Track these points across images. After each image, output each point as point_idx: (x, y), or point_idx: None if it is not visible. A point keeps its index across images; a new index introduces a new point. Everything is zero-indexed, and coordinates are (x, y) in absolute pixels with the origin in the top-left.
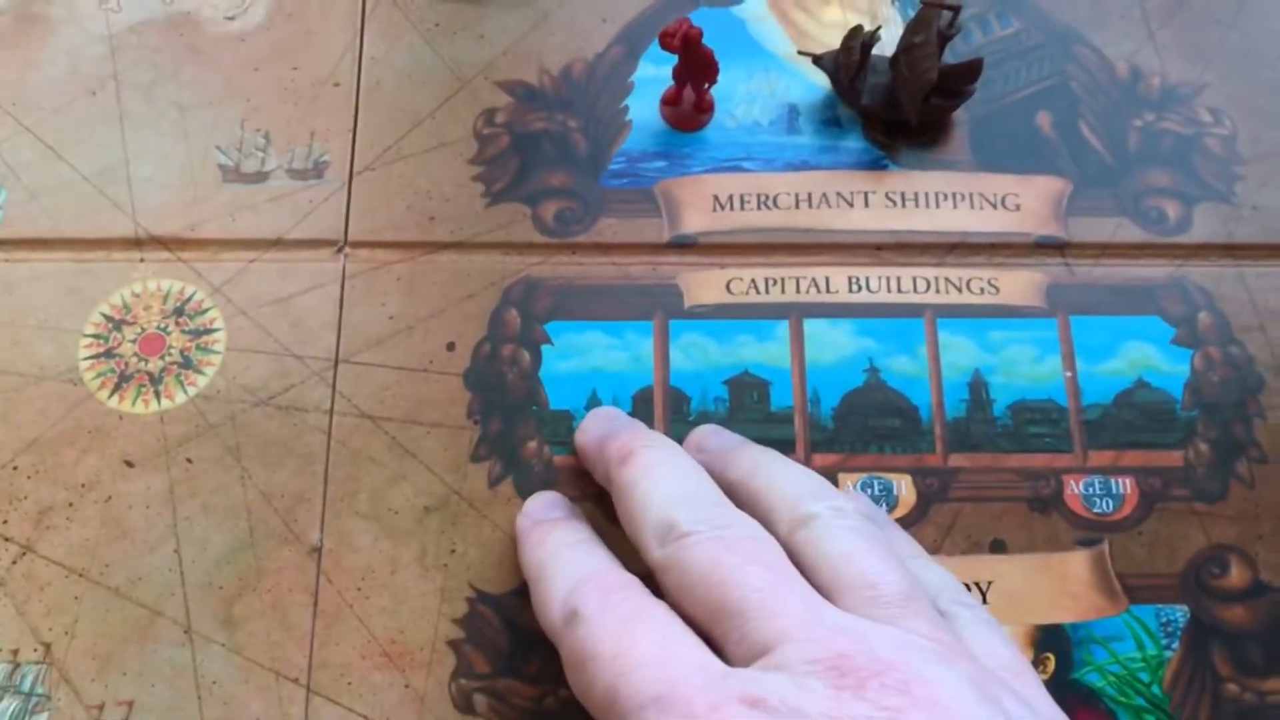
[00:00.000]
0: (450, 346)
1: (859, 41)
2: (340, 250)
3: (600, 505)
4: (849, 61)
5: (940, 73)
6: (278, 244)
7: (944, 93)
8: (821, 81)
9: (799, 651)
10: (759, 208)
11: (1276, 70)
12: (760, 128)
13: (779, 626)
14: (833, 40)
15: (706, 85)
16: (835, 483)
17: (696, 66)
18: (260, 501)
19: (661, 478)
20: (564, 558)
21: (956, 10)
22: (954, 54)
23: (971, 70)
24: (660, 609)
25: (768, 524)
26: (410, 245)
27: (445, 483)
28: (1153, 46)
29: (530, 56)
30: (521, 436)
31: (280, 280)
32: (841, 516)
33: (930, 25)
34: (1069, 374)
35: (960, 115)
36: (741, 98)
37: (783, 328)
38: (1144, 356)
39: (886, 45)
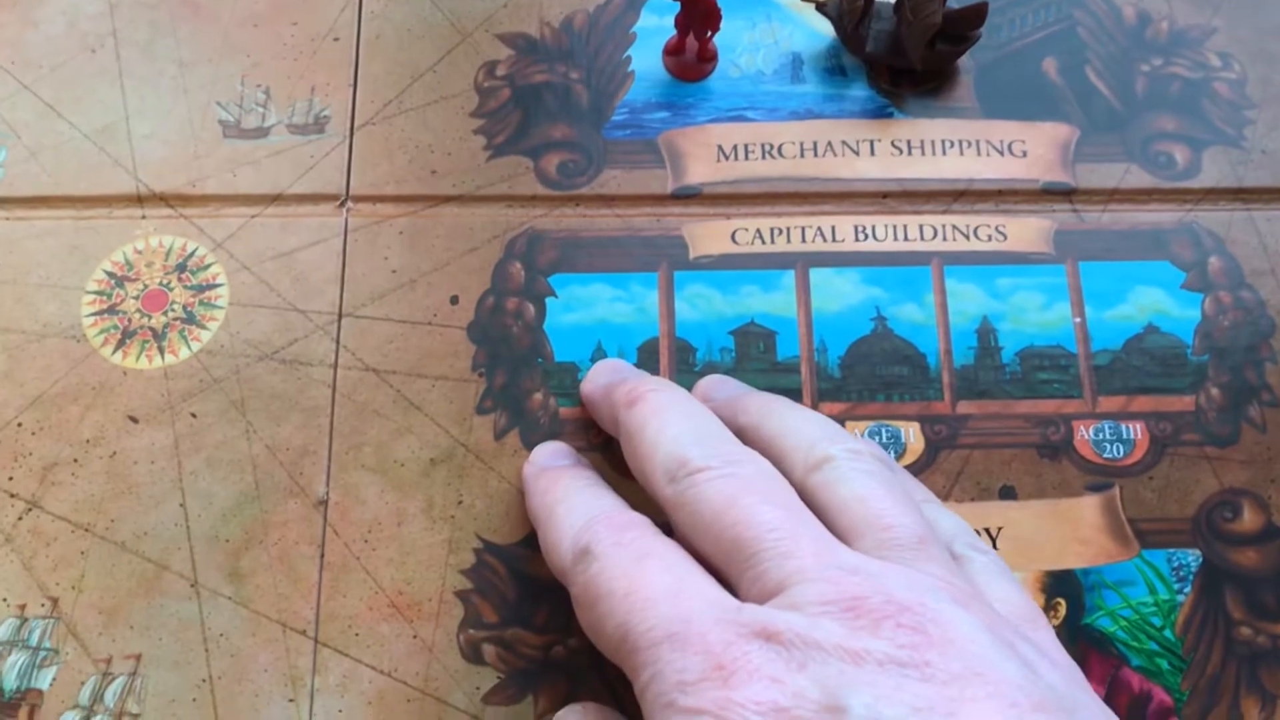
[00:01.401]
0: (454, 300)
1: None
2: (342, 204)
3: (607, 456)
4: (853, 7)
5: (945, 17)
6: (279, 199)
7: (949, 38)
8: (825, 29)
9: (814, 591)
10: (763, 157)
11: None
12: (764, 77)
13: (793, 567)
14: None
15: (709, 34)
16: None
17: (699, 14)
18: (265, 455)
19: (671, 418)
20: (573, 500)
21: None
22: (955, 0)
23: (976, 14)
24: (672, 546)
25: (781, 467)
26: (412, 199)
27: (451, 435)
28: None
29: (531, 8)
30: (527, 388)
31: (282, 235)
32: (857, 459)
33: None
34: (1078, 320)
35: (966, 62)
36: (745, 47)
37: (788, 277)
38: (1154, 301)
39: None
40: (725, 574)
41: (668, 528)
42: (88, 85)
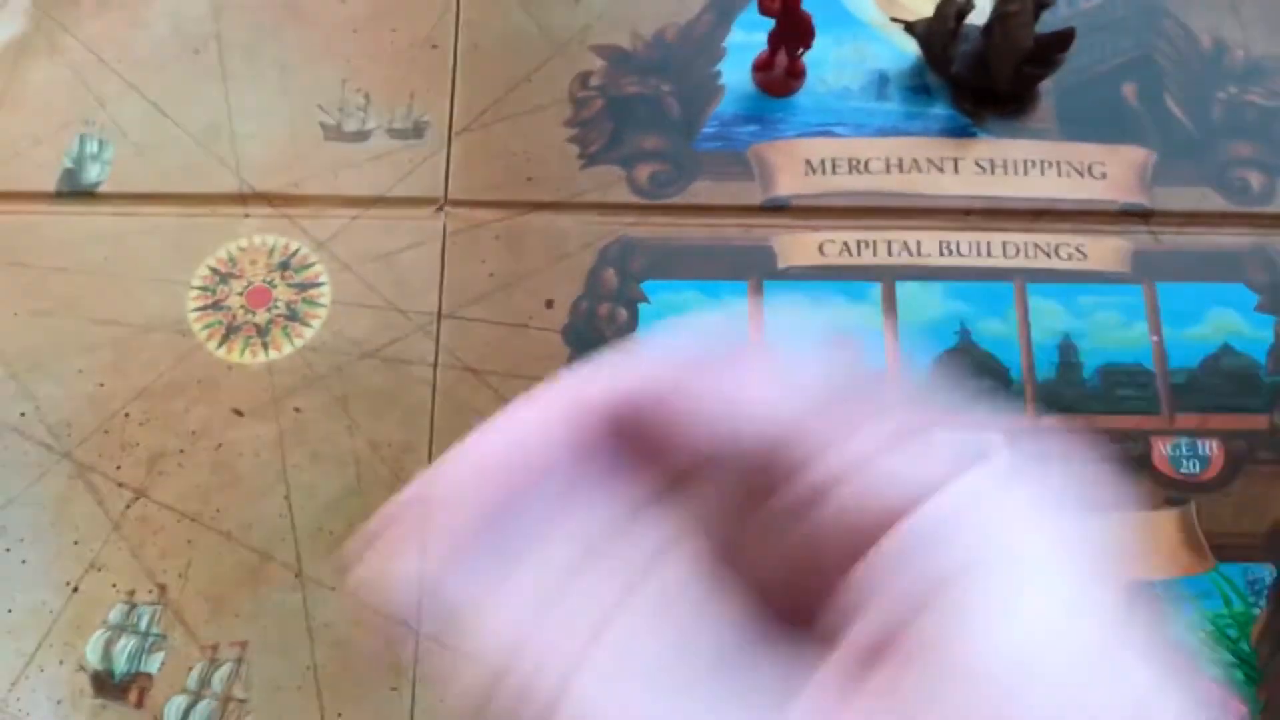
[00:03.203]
0: (549, 304)
1: (954, 9)
2: (440, 209)
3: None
4: (942, 29)
5: (1034, 41)
6: (379, 201)
7: (1036, 61)
8: (911, 49)
9: None
10: (850, 172)
11: None
12: (851, 94)
13: None
14: (921, 8)
15: (801, 50)
16: None
17: (794, 31)
18: (368, 450)
19: None
20: None
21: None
22: (1041, 25)
23: (1064, 39)
24: None
25: None
26: (508, 205)
27: None
28: (1237, 20)
29: (624, 21)
30: None
31: (383, 236)
32: None
33: (1019, 5)
34: (1156, 339)
35: (1046, 85)
36: (832, 64)
37: (875, 290)
38: (1229, 322)
39: (978, 14)
40: None
41: None
42: (192, 85)
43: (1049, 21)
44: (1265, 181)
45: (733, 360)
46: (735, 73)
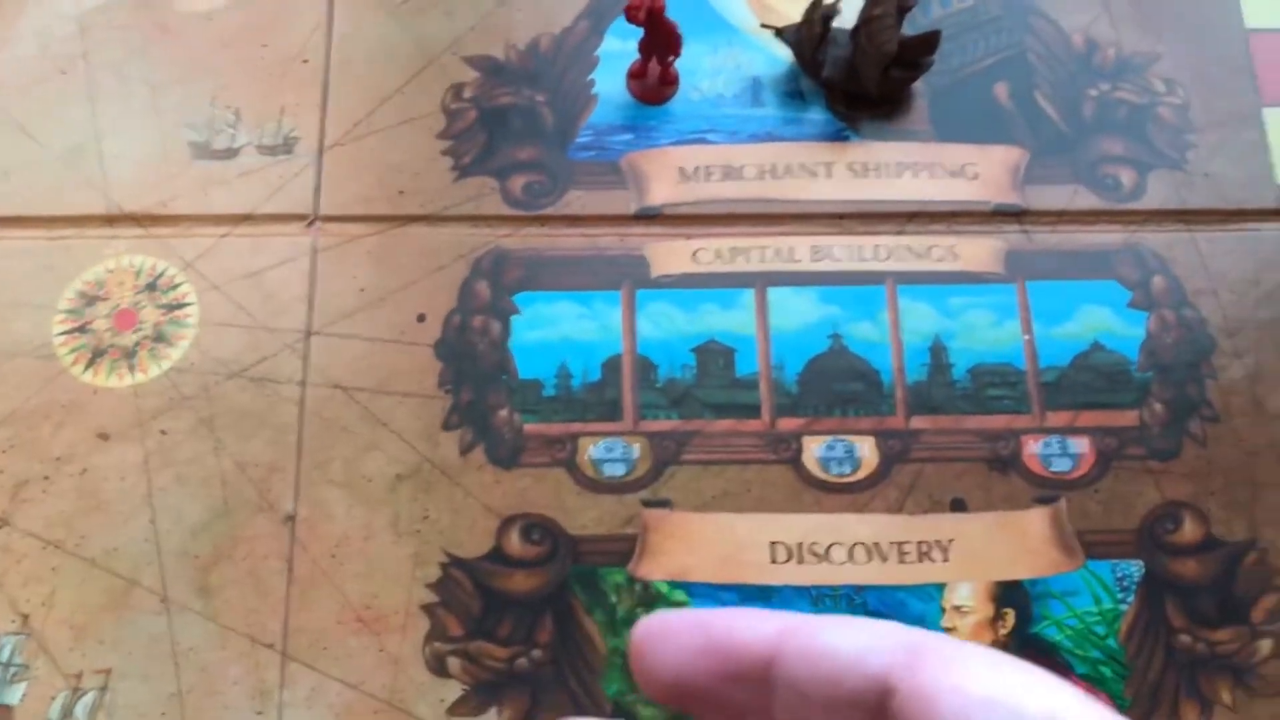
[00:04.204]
0: (421, 318)
1: (819, 14)
2: (311, 224)
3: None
4: (810, 34)
5: (899, 44)
6: (249, 219)
7: (903, 65)
8: (784, 54)
9: None
10: (724, 179)
11: (1227, 41)
12: (725, 100)
13: None
14: (795, 13)
15: (671, 58)
16: (800, 445)
17: (661, 40)
18: (235, 471)
19: None
20: None
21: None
22: (913, 26)
23: (929, 42)
24: None
25: None
26: (380, 219)
27: (417, 451)
28: (1108, 18)
29: (497, 32)
30: (492, 405)
31: (252, 255)
32: None
33: (884, 2)
34: (1027, 337)
35: (920, 87)
36: (706, 71)
37: (748, 296)
38: (1100, 320)
39: (847, 18)
40: None
41: None
42: (59, 106)
43: (921, 23)
44: (1136, 178)
45: None
46: (609, 81)
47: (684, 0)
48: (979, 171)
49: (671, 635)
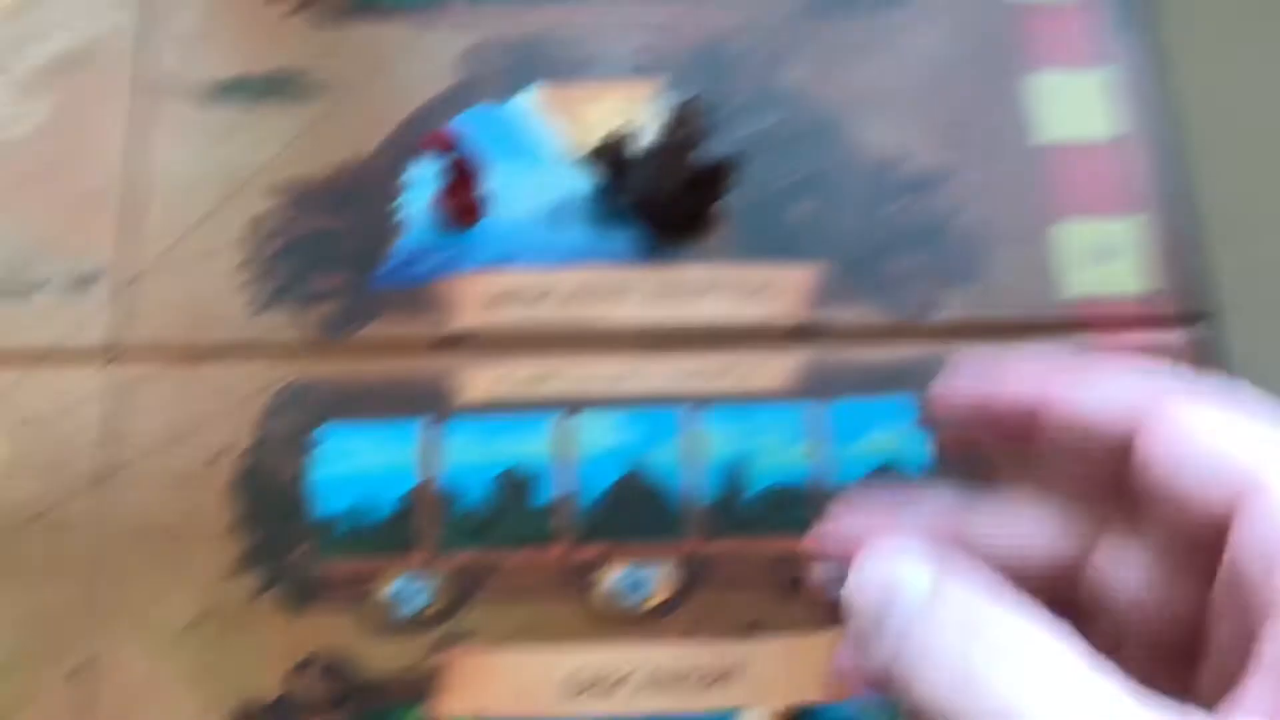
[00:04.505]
0: (219, 455)
1: (619, 139)
2: (109, 362)
3: None
4: (615, 158)
5: (697, 171)
6: (47, 358)
7: (701, 189)
8: (591, 177)
9: None
10: (530, 303)
11: (1020, 155)
12: (532, 223)
13: None
14: (601, 135)
15: (474, 185)
16: (596, 575)
17: (462, 171)
18: (22, 623)
19: None
20: None
21: (701, 115)
22: (722, 143)
23: (724, 170)
24: None
25: None
26: (180, 353)
27: (211, 595)
28: (907, 132)
29: (304, 158)
30: (288, 544)
31: (46, 396)
32: None
33: (683, 126)
34: (820, 458)
35: (724, 206)
36: (513, 193)
37: (549, 422)
38: (892, 438)
39: (652, 141)
40: None
41: None
42: None
43: (727, 141)
44: (930, 294)
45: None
46: (415, 207)
47: (492, 120)
48: (778, 290)
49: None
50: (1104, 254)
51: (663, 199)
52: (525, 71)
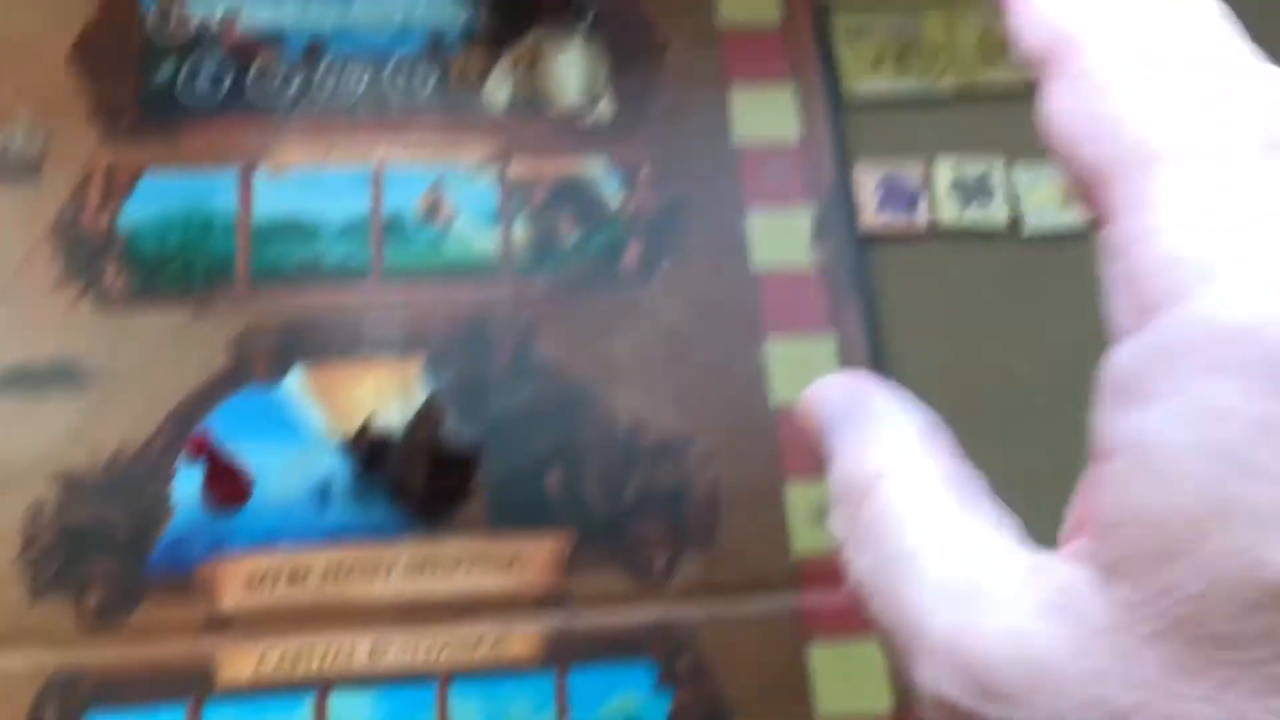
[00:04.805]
0: None
1: (374, 424)
2: None
3: None
4: (369, 442)
5: (446, 454)
6: None
7: (450, 471)
8: (350, 458)
9: None
10: (292, 583)
11: (755, 418)
12: (296, 504)
13: None
14: (367, 413)
15: (236, 475)
16: None
17: (222, 471)
18: None
19: None
20: None
21: (447, 406)
22: (473, 417)
23: (471, 454)
24: None
25: None
26: None
27: None
28: (652, 402)
29: (81, 446)
30: None
31: None
32: None
33: (432, 413)
34: None
35: (479, 480)
36: (279, 475)
37: (308, 702)
38: (630, 702)
39: (404, 425)
40: None
41: None
42: None
43: (482, 414)
44: (670, 557)
45: None
46: (186, 491)
47: (260, 406)
48: (529, 560)
49: None
50: (827, 513)
51: (414, 481)
52: (292, 354)
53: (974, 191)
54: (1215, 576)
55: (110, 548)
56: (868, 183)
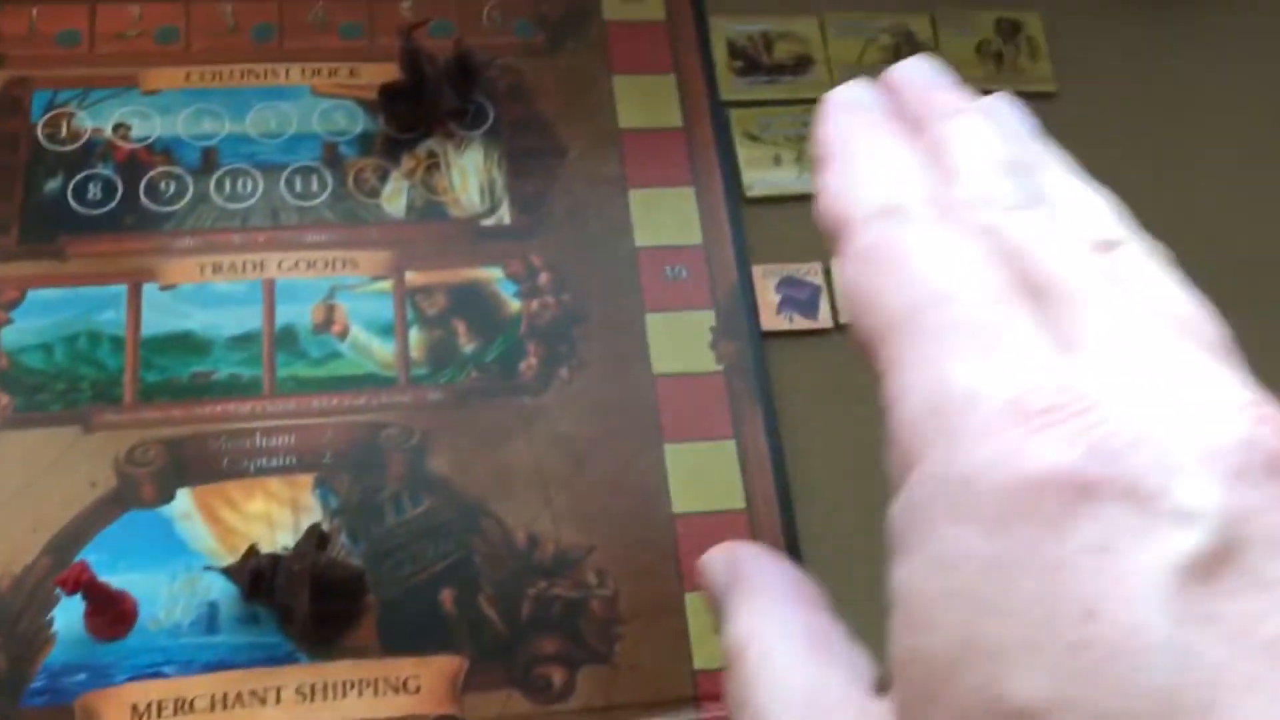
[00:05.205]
0: None
1: (258, 550)
2: None
3: None
4: (254, 568)
5: (331, 578)
6: None
7: (336, 595)
8: (235, 584)
9: None
10: (176, 713)
11: (650, 529)
12: (181, 629)
13: None
14: (257, 533)
15: (116, 604)
16: None
17: (102, 601)
18: None
19: None
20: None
21: (325, 537)
22: (368, 537)
23: (357, 577)
24: None
25: None
26: None
27: None
28: (550, 513)
29: None
30: None
31: None
32: None
33: (310, 541)
34: None
35: (370, 599)
36: (164, 599)
37: None
38: None
39: (288, 550)
40: None
41: None
42: None
43: (374, 533)
44: (566, 676)
45: None
46: (67, 617)
47: (147, 527)
48: (421, 684)
49: None
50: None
51: (299, 606)
52: (181, 474)
53: None
54: (965, 714)
55: None
56: (768, 284)
